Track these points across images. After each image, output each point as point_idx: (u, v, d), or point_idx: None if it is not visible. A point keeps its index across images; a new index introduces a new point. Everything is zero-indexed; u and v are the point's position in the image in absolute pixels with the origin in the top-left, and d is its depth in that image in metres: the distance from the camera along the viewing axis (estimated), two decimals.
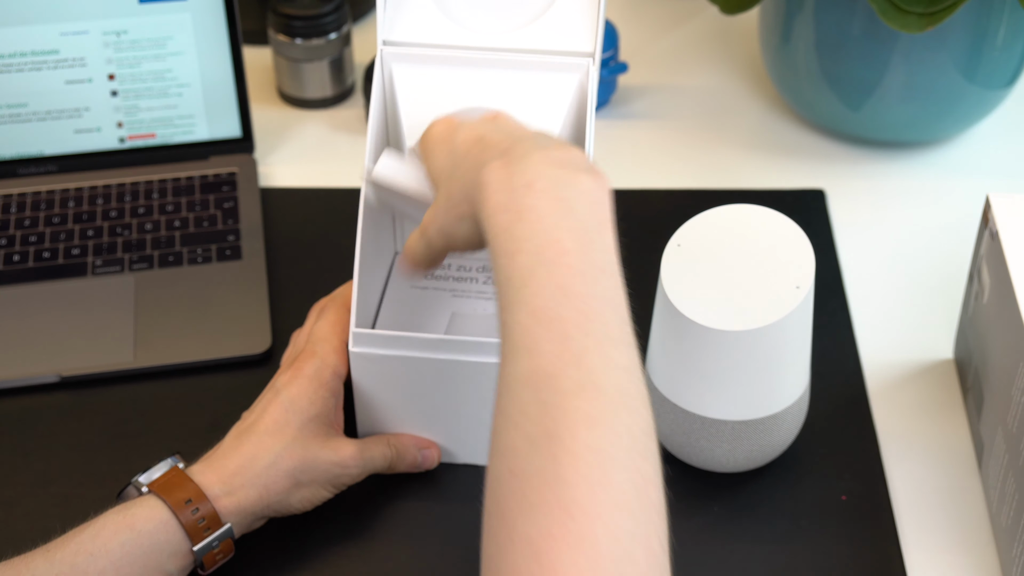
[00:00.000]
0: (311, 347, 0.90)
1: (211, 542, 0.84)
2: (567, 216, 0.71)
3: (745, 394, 0.89)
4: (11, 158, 1.17)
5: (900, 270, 1.12)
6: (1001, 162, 1.22)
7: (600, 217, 0.73)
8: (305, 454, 0.87)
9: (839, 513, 0.92)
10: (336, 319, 0.92)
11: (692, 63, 1.33)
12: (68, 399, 1.01)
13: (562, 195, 0.72)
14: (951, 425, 1.00)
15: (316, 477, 0.87)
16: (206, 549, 0.84)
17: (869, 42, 1.13)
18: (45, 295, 1.08)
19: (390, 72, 0.94)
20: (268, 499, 0.86)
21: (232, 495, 0.85)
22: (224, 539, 0.84)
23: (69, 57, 1.14)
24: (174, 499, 0.83)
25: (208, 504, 0.83)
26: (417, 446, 0.93)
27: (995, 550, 0.91)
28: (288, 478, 0.86)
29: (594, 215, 0.72)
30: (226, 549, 0.85)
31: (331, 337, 0.91)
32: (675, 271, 0.88)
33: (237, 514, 0.85)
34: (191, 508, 0.83)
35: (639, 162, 1.22)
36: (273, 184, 1.19)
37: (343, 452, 0.88)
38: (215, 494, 0.84)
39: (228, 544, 0.85)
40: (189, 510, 0.83)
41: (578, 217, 0.71)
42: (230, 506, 0.85)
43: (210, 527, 0.83)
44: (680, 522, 0.92)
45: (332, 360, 0.90)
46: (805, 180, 1.20)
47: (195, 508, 0.83)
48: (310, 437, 0.87)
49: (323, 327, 0.92)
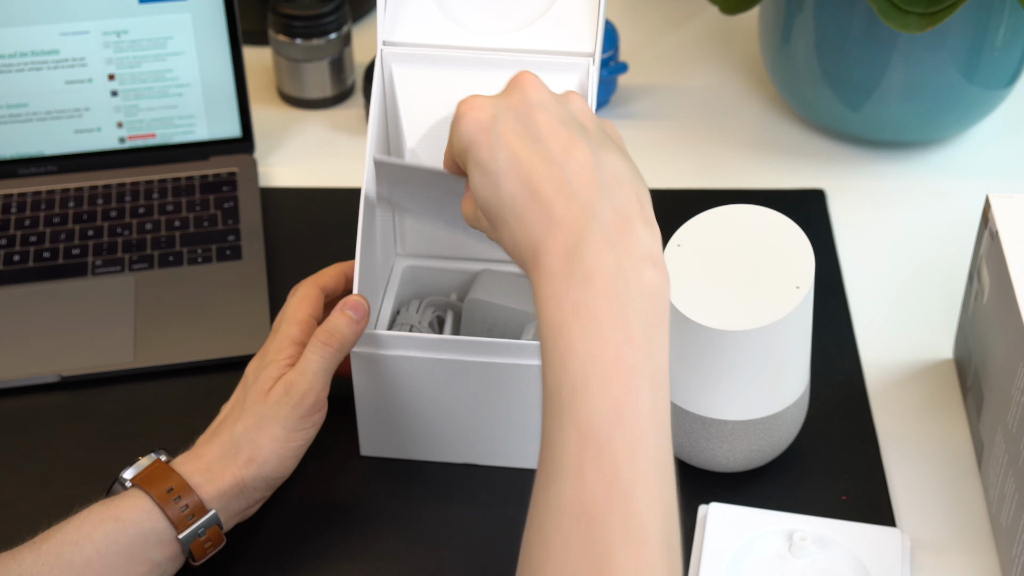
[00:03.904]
0: (280, 327, 0.91)
1: (196, 529, 0.84)
2: (625, 319, 0.66)
3: (745, 394, 0.89)
4: (11, 158, 1.17)
5: (900, 270, 1.12)
6: (1001, 162, 1.22)
7: (658, 317, 0.68)
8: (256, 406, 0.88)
9: (839, 513, 0.92)
10: (304, 294, 0.92)
11: (692, 63, 1.33)
12: (68, 399, 1.01)
13: (622, 292, 0.67)
14: (951, 425, 1.00)
15: (271, 415, 0.87)
16: (192, 537, 0.84)
17: (869, 42, 1.13)
18: (45, 295, 1.08)
19: (390, 72, 0.94)
20: (247, 474, 0.86)
21: (213, 481, 0.85)
22: (210, 526, 0.84)
23: (69, 57, 1.14)
24: (157, 490, 0.84)
25: (191, 492, 0.84)
26: (340, 308, 0.88)
27: (995, 550, 0.91)
28: (258, 442, 0.86)
29: (653, 314, 0.68)
30: (215, 538, 0.85)
31: (296, 312, 0.91)
32: (675, 271, 0.88)
33: (220, 498, 0.85)
34: (173, 496, 0.83)
35: (639, 162, 1.20)
36: (273, 184, 1.19)
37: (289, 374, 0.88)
38: (197, 482, 0.85)
39: (216, 532, 0.85)
40: (171, 499, 0.83)
41: (636, 319, 0.67)
42: (212, 492, 0.85)
43: (194, 514, 0.84)
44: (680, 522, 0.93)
45: (294, 332, 0.90)
46: (805, 180, 1.20)
47: (177, 496, 0.83)
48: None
49: (291, 305, 0.92)
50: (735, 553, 0.88)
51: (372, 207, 0.93)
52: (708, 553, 0.88)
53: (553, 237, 0.68)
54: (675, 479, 0.67)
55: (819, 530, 0.89)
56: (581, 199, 0.69)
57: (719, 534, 0.89)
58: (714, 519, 0.90)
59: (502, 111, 0.72)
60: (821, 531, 0.89)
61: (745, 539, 0.89)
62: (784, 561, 0.88)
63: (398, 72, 0.94)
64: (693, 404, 0.90)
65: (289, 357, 0.89)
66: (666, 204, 1.17)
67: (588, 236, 0.68)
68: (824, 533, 0.89)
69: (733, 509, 0.91)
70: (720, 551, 0.88)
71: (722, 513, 0.90)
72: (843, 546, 0.89)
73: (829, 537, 0.89)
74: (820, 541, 0.89)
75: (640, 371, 0.66)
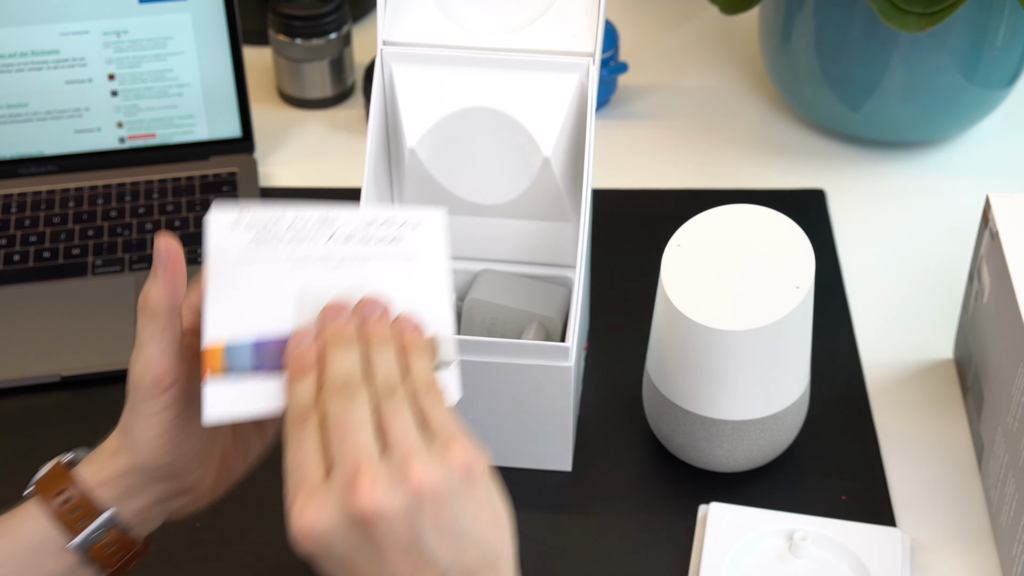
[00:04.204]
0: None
1: (92, 534, 0.74)
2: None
3: (745, 394, 0.89)
4: (11, 158, 1.17)
5: (900, 270, 1.12)
6: (1001, 162, 1.22)
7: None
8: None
9: (839, 513, 0.92)
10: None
11: (692, 63, 1.33)
12: (68, 399, 1.01)
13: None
14: (951, 425, 0.99)
15: (128, 401, 0.76)
16: (88, 543, 0.74)
17: (869, 42, 1.13)
18: (45, 295, 1.08)
19: (390, 72, 0.94)
20: (128, 464, 0.75)
21: (97, 474, 0.75)
22: (109, 527, 0.75)
23: (69, 57, 1.14)
24: (47, 493, 0.74)
25: (76, 491, 0.74)
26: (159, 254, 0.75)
27: (995, 550, 0.91)
28: (128, 428, 0.76)
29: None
30: (121, 543, 0.75)
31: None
32: (675, 271, 0.88)
33: (109, 493, 0.75)
34: (61, 499, 0.74)
35: (639, 162, 1.21)
36: (273, 184, 1.19)
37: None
38: (89, 485, 0.75)
39: (119, 536, 0.75)
40: (59, 501, 0.74)
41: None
42: (98, 487, 0.75)
43: (87, 515, 0.74)
44: (680, 522, 0.93)
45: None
46: (805, 180, 1.20)
47: (66, 499, 0.74)
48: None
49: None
50: (735, 553, 0.88)
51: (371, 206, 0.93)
52: (708, 553, 0.88)
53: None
54: None
55: (819, 530, 0.89)
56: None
57: (719, 534, 0.89)
58: (714, 519, 0.90)
59: (339, 529, 0.64)
60: (821, 531, 0.89)
61: (745, 539, 0.89)
62: (784, 561, 0.88)
63: (398, 72, 0.94)
64: (693, 404, 0.90)
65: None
66: (666, 204, 1.17)
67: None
68: (824, 533, 0.89)
69: (733, 509, 0.91)
70: (720, 551, 0.88)
71: (722, 513, 0.90)
72: (843, 546, 0.89)
73: (829, 537, 0.89)
74: (820, 541, 0.89)
75: None
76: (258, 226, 0.75)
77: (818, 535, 0.89)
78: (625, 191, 1.17)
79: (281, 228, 0.75)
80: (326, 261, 0.74)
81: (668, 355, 0.90)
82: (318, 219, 0.75)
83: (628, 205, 1.16)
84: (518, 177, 0.96)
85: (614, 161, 1.20)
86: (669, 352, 0.90)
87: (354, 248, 0.75)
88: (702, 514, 0.91)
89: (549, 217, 0.98)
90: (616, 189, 1.18)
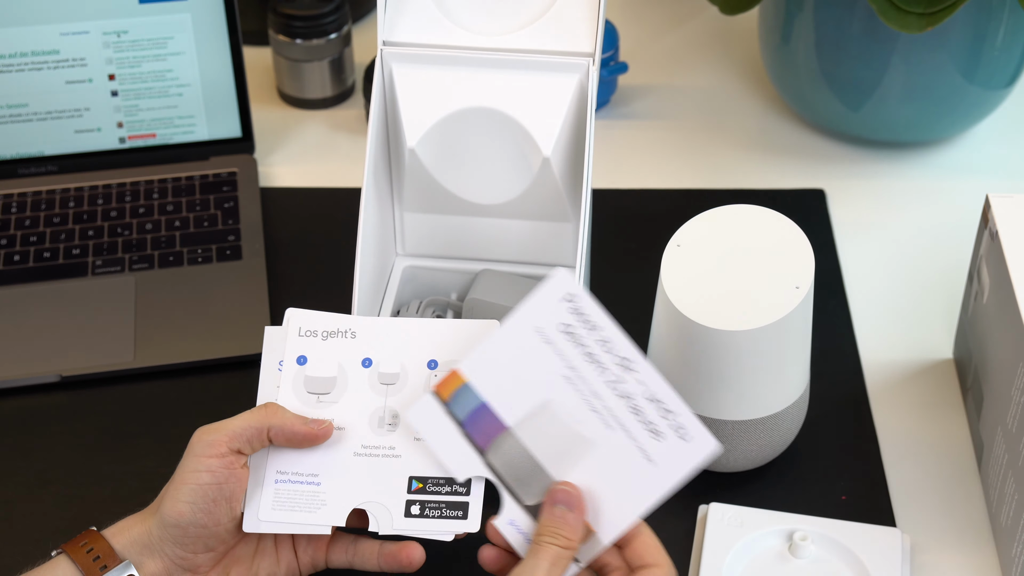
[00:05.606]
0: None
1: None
2: None
3: (745, 394, 0.89)
4: (11, 158, 1.17)
5: (900, 270, 1.12)
6: (1001, 162, 1.22)
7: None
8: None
9: (839, 513, 0.92)
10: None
11: (692, 63, 1.33)
12: (68, 399, 1.01)
13: None
14: (951, 425, 1.00)
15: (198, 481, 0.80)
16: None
17: (869, 42, 1.13)
18: (45, 295, 1.08)
19: (390, 72, 0.94)
20: (151, 521, 0.81)
21: (124, 531, 0.81)
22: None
23: (69, 57, 1.14)
24: (77, 551, 0.80)
25: (103, 542, 0.80)
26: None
27: (995, 550, 0.91)
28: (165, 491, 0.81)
29: None
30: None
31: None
32: (675, 271, 0.88)
33: (130, 547, 0.80)
34: (86, 548, 0.80)
35: (639, 162, 1.21)
36: (273, 184, 1.19)
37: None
38: (112, 533, 0.81)
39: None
40: (84, 550, 0.80)
41: None
42: (122, 540, 0.81)
43: (106, 564, 0.80)
44: (680, 522, 0.93)
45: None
46: (805, 180, 1.20)
47: (89, 547, 0.80)
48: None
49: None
50: (735, 553, 0.88)
51: (372, 207, 0.93)
52: (708, 553, 0.88)
53: None
54: None
55: (819, 530, 0.89)
56: None
57: (719, 534, 0.89)
58: (714, 519, 0.90)
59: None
60: (821, 531, 0.89)
61: (745, 539, 0.89)
62: (784, 561, 0.88)
63: (398, 72, 0.94)
64: (693, 404, 0.90)
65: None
66: (666, 204, 1.17)
67: None
68: (824, 533, 0.89)
69: (733, 509, 0.91)
70: (720, 551, 0.88)
71: (722, 513, 0.90)
72: (843, 546, 0.89)
73: (829, 537, 0.89)
74: (820, 541, 0.89)
75: None
76: (581, 315, 0.78)
77: (818, 535, 0.89)
78: (625, 191, 1.17)
79: (595, 335, 0.78)
80: (590, 399, 0.78)
81: (668, 355, 0.90)
82: (623, 358, 0.78)
83: (628, 205, 1.16)
84: (518, 177, 0.96)
85: (614, 161, 1.20)
86: (669, 352, 0.90)
87: (622, 408, 0.78)
88: (702, 514, 0.91)
89: (549, 217, 0.98)
90: (616, 189, 1.18)
